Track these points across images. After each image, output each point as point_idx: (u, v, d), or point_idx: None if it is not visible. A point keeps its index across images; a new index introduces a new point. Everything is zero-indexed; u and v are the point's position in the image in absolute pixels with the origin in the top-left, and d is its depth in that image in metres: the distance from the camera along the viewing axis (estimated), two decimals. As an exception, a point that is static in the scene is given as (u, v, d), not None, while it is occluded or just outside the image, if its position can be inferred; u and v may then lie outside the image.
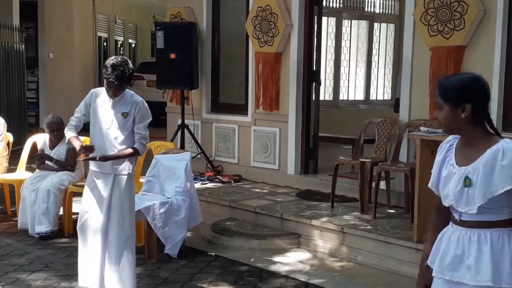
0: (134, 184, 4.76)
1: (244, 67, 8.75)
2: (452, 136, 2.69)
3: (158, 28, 8.84)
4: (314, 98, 8.10)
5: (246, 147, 8.60)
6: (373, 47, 12.68)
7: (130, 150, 4.60)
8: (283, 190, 7.77)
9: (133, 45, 22.50)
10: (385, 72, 13.12)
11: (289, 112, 8.03)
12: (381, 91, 13.14)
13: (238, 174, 8.47)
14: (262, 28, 8.13)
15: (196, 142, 8.77)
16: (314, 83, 8.07)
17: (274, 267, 5.68)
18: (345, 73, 12.18)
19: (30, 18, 13.95)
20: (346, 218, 6.35)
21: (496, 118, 6.18)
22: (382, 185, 6.62)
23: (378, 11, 12.72)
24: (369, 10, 12.56)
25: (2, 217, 7.27)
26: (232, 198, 7.31)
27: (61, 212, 6.66)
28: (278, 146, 8.19)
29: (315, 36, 8.03)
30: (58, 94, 14.45)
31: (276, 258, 5.92)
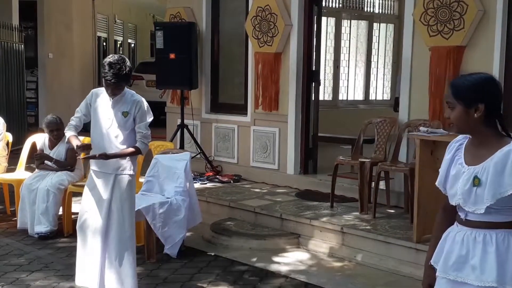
0: (135, 184, 4.75)
1: (243, 67, 8.75)
2: (462, 135, 2.67)
3: (157, 28, 8.84)
4: (313, 98, 8.10)
5: (245, 147, 8.60)
6: (372, 47, 12.69)
7: (131, 149, 4.58)
8: (283, 190, 7.77)
9: (132, 45, 22.50)
10: (384, 72, 13.12)
11: (288, 112, 8.03)
12: (380, 91, 13.15)
13: (237, 174, 8.47)
14: (261, 28, 8.12)
15: (195, 142, 8.77)
16: (314, 83, 8.07)
17: (274, 267, 5.68)
18: (344, 73, 12.19)
19: (29, 18, 13.94)
20: (346, 218, 6.35)
21: (495, 118, 6.18)
22: (382, 185, 6.62)
23: (377, 11, 12.72)
24: (368, 10, 12.56)
25: (2, 217, 7.27)
26: (231, 198, 7.31)
27: (60, 212, 6.66)
28: (277, 146, 8.19)
29: (315, 36, 8.03)
30: (57, 94, 14.45)
31: (275, 258, 5.92)
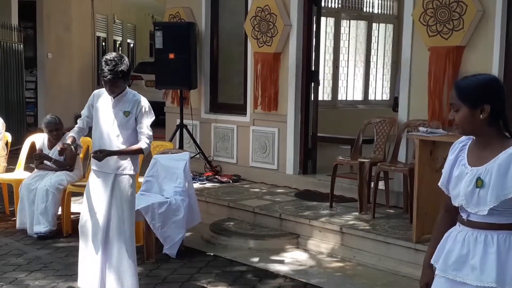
0: (135, 184, 4.72)
1: (243, 67, 8.75)
2: (465, 136, 2.66)
3: (157, 28, 8.84)
4: (312, 98, 8.09)
5: (244, 147, 8.59)
6: (371, 47, 12.69)
7: (134, 147, 4.53)
8: (282, 190, 7.77)
9: (131, 45, 22.50)
10: (383, 72, 13.12)
11: (287, 112, 8.03)
12: (379, 91, 13.15)
13: (236, 174, 8.47)
14: (261, 28, 8.12)
15: (194, 142, 8.77)
16: (313, 83, 8.07)
17: (273, 267, 5.68)
18: (343, 73, 12.19)
19: (28, 17, 13.93)
20: (345, 218, 6.35)
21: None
22: (381, 185, 6.61)
23: (376, 12, 12.73)
24: (367, 11, 12.56)
25: (1, 216, 7.27)
26: (230, 198, 7.31)
27: (59, 212, 6.66)
28: (276, 146, 8.19)
29: (314, 36, 8.03)
30: (56, 94, 14.45)
31: (275, 258, 5.92)
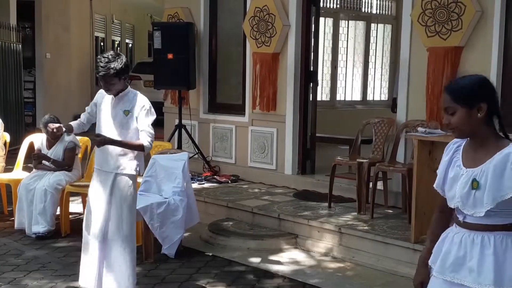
0: (135, 184, 4.70)
1: (241, 68, 8.75)
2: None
3: (155, 28, 8.84)
4: (311, 99, 8.09)
5: (243, 147, 8.59)
6: (370, 48, 12.70)
7: (135, 142, 4.47)
8: (280, 190, 7.77)
9: (130, 45, 22.49)
10: (382, 72, 13.13)
11: (286, 112, 8.03)
12: (378, 92, 13.16)
13: (235, 174, 8.47)
14: (259, 28, 8.13)
15: (193, 142, 8.77)
16: (311, 84, 8.07)
17: (272, 267, 5.68)
18: (342, 73, 12.20)
19: (27, 17, 13.93)
20: (344, 218, 6.35)
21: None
22: (380, 185, 6.62)
23: (375, 12, 12.74)
24: (366, 11, 12.58)
25: (-1, 217, 7.28)
26: (229, 198, 7.31)
27: (58, 212, 6.65)
28: (275, 146, 8.19)
29: (313, 36, 8.04)
30: (55, 94, 14.45)
31: (273, 258, 5.92)
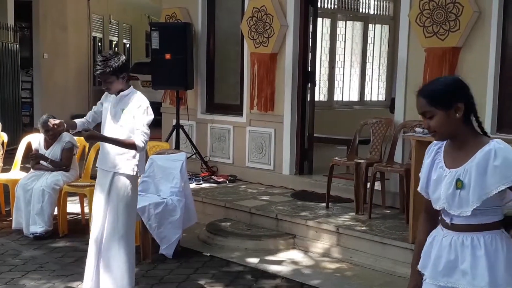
0: (135, 184, 4.67)
1: (239, 68, 8.75)
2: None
3: (153, 28, 8.83)
4: (309, 99, 8.10)
5: (241, 148, 8.59)
6: (367, 48, 12.69)
7: (126, 140, 4.47)
8: (278, 191, 7.77)
9: (127, 45, 22.46)
10: (379, 73, 13.14)
11: (284, 112, 8.03)
12: (375, 92, 13.16)
13: (233, 175, 8.47)
14: (257, 28, 8.13)
15: (191, 142, 8.77)
16: (309, 84, 8.08)
17: (269, 268, 5.68)
18: (339, 74, 12.20)
19: (24, 17, 13.91)
20: (341, 218, 6.35)
21: (491, 119, 6.20)
22: (377, 185, 6.63)
23: (372, 12, 12.73)
24: (363, 11, 12.58)
25: (-3, 217, 7.27)
26: (227, 198, 7.31)
27: (55, 212, 6.65)
28: (273, 146, 8.19)
29: (310, 37, 8.03)
30: (52, 94, 14.43)
31: (271, 259, 5.92)
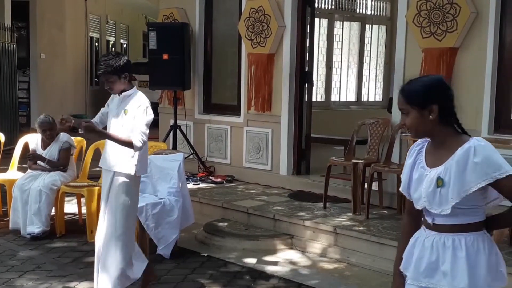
0: (134, 184, 4.66)
1: (236, 68, 8.75)
2: (422, 139, 2.68)
3: (150, 28, 8.83)
4: (306, 99, 8.11)
5: (238, 148, 8.60)
6: (364, 49, 12.73)
7: (124, 137, 4.46)
8: (276, 191, 7.77)
9: (124, 45, 22.45)
10: (376, 73, 13.17)
11: (281, 113, 8.04)
12: (372, 92, 13.19)
13: (230, 175, 8.47)
14: (254, 29, 8.13)
15: (188, 142, 8.76)
16: (307, 84, 8.08)
17: (267, 268, 5.68)
18: (337, 74, 12.22)
19: (22, 18, 13.89)
20: (339, 219, 6.36)
21: (488, 119, 6.22)
22: (375, 186, 6.63)
23: (369, 13, 12.76)
24: (360, 12, 12.60)
25: (-6, 217, 7.25)
26: (224, 198, 7.31)
27: (53, 212, 6.64)
28: (270, 147, 8.20)
29: (308, 37, 8.04)
30: (49, 94, 14.42)
31: (268, 259, 5.92)
